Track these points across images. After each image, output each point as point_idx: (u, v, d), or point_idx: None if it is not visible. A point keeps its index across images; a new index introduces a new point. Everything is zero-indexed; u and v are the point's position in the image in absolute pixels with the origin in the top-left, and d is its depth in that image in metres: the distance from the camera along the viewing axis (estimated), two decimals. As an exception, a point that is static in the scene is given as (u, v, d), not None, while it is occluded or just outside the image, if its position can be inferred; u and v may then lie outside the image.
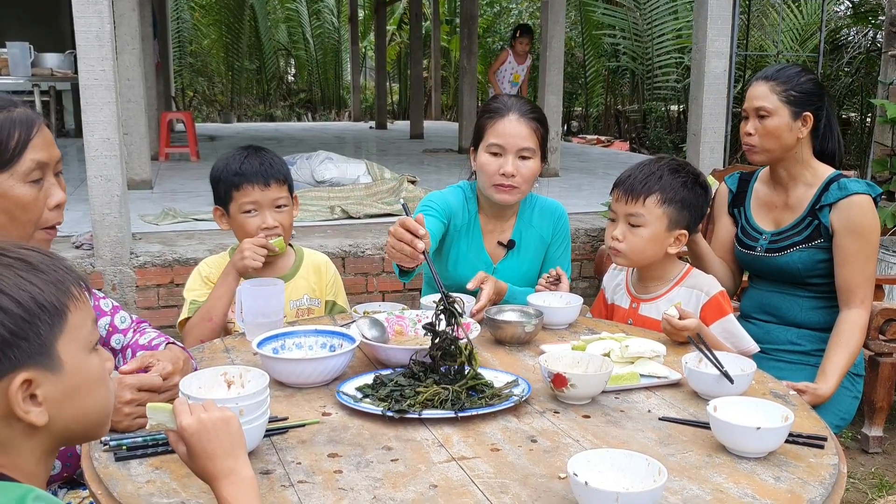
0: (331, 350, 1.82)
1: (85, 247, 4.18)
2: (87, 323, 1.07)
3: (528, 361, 1.90)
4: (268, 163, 2.32)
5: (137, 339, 1.81)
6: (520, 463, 1.38)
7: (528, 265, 2.52)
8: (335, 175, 6.09)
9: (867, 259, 2.35)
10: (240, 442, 1.20)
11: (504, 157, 2.35)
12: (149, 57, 7.82)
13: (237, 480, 1.16)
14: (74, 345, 1.04)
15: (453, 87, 18.21)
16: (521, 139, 2.35)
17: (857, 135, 10.56)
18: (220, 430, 1.18)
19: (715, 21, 4.57)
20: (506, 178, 2.34)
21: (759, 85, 2.42)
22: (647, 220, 2.15)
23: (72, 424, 1.06)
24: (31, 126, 1.50)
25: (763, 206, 2.56)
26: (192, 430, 1.18)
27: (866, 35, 10.67)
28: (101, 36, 3.79)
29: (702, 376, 1.67)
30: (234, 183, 2.29)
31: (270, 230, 2.28)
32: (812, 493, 1.29)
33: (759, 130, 2.40)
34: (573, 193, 6.26)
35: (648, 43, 12.11)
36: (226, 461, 1.17)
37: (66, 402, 1.04)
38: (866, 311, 2.38)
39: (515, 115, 2.36)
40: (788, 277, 2.47)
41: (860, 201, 2.33)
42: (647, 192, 2.15)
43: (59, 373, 1.03)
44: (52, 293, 1.02)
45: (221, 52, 17.76)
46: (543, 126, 2.42)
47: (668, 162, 2.21)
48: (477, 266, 2.44)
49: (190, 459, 1.20)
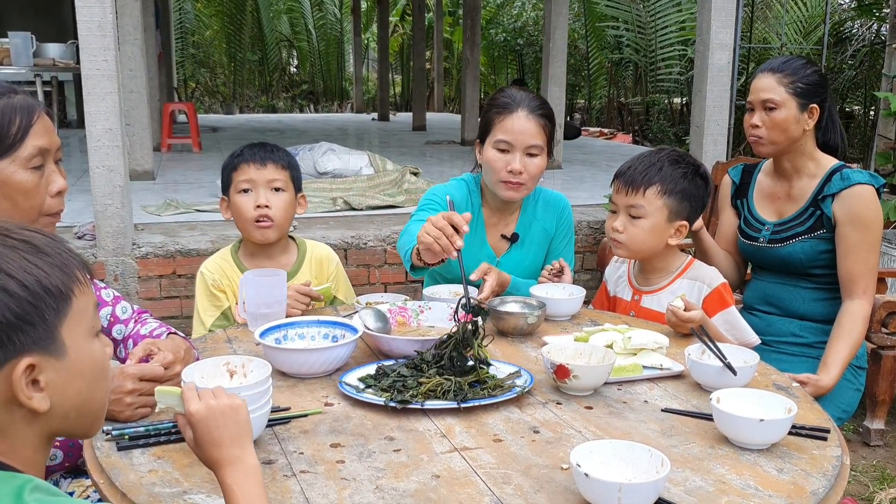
0: (333, 340, 1.81)
1: (87, 237, 4.18)
2: (91, 308, 1.06)
3: (531, 352, 1.90)
4: (270, 148, 2.33)
5: (139, 330, 1.81)
6: (522, 454, 1.38)
7: (532, 258, 2.52)
8: (338, 166, 6.09)
9: (869, 249, 2.34)
10: (247, 431, 1.19)
11: (512, 154, 2.32)
12: (151, 47, 7.80)
13: (242, 468, 1.15)
14: (78, 330, 1.03)
15: (456, 79, 18.20)
16: (530, 136, 2.32)
17: (860, 128, 10.54)
18: (227, 418, 1.18)
19: (719, 13, 4.55)
20: (513, 175, 2.32)
21: (766, 77, 2.40)
22: (647, 212, 2.15)
23: (71, 413, 1.05)
24: (31, 112, 1.50)
25: (766, 198, 2.55)
26: (199, 416, 1.17)
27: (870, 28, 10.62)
28: (103, 26, 3.78)
29: (705, 368, 1.67)
30: (234, 165, 2.32)
31: (263, 209, 2.26)
32: (815, 484, 1.29)
33: (766, 122, 2.38)
34: (576, 186, 6.25)
35: (651, 35, 12.07)
36: (232, 449, 1.16)
37: (69, 388, 1.03)
38: (868, 302, 2.37)
39: (525, 111, 2.33)
40: (791, 268, 2.46)
41: (862, 191, 2.33)
42: (648, 183, 2.14)
43: (62, 358, 1.01)
44: (58, 277, 1.00)
45: (224, 43, 17.74)
46: (551, 122, 2.40)
47: (668, 153, 2.20)
48: (480, 259, 2.43)
49: (196, 445, 1.19)
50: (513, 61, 16.86)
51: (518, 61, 16.59)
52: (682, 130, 11.31)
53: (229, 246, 2.43)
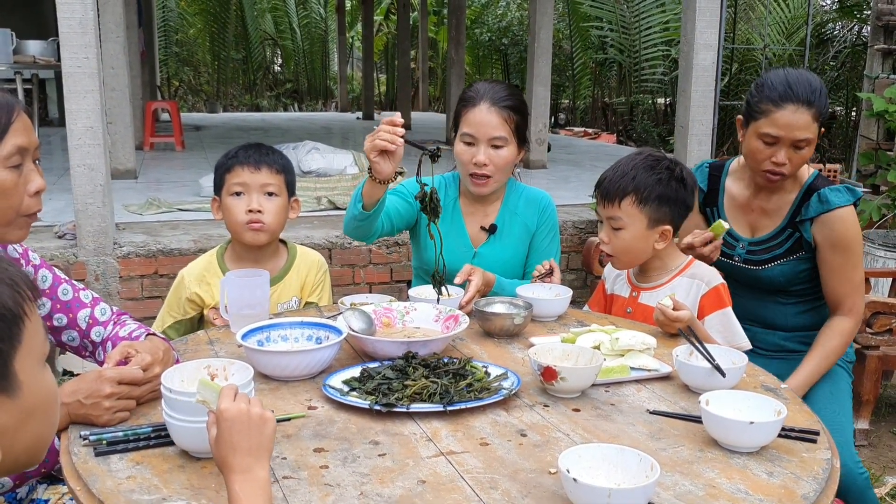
0: (317, 342, 1.79)
1: (68, 237, 4.13)
2: (42, 332, 0.92)
3: (518, 354, 1.88)
4: (265, 151, 2.30)
5: (118, 332, 1.77)
6: (509, 457, 1.36)
7: (511, 252, 2.51)
8: (322, 165, 6.05)
9: (854, 268, 2.31)
10: (267, 445, 1.17)
11: (476, 147, 2.36)
12: (133, 45, 7.73)
13: (251, 479, 1.13)
14: (31, 360, 0.88)
15: (441, 78, 18.17)
16: (492, 128, 2.34)
17: (842, 128, 10.60)
18: (253, 426, 1.16)
19: (703, 13, 4.55)
20: (478, 167, 2.35)
21: (801, 112, 2.16)
22: (625, 223, 2.13)
23: (22, 456, 0.90)
24: (10, 110, 1.47)
25: (738, 208, 2.44)
26: (227, 415, 1.16)
27: (852, 29, 10.71)
28: (84, 23, 3.73)
29: (693, 369, 1.65)
30: (228, 166, 2.28)
31: (255, 213, 2.23)
32: (806, 488, 1.28)
33: (794, 160, 2.21)
34: (560, 185, 6.25)
35: (636, 35, 12.10)
36: (246, 458, 1.14)
37: (23, 431, 0.88)
38: (854, 319, 2.33)
39: (487, 103, 2.35)
40: (771, 287, 2.41)
41: (843, 214, 2.26)
42: (622, 194, 2.12)
43: (15, 397, 0.86)
44: (8, 295, 0.85)
45: (207, 41, 17.62)
46: (518, 112, 2.39)
47: (643, 159, 2.15)
48: (457, 248, 2.45)
49: (214, 444, 1.17)
50: (497, 61, 16.85)
51: (503, 61, 16.58)
52: (667, 130, 11.34)
53: (215, 249, 2.39)
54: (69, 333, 1.77)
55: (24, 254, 1.71)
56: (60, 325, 1.75)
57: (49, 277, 1.75)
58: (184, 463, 1.33)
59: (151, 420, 1.46)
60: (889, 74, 6.51)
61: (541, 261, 2.42)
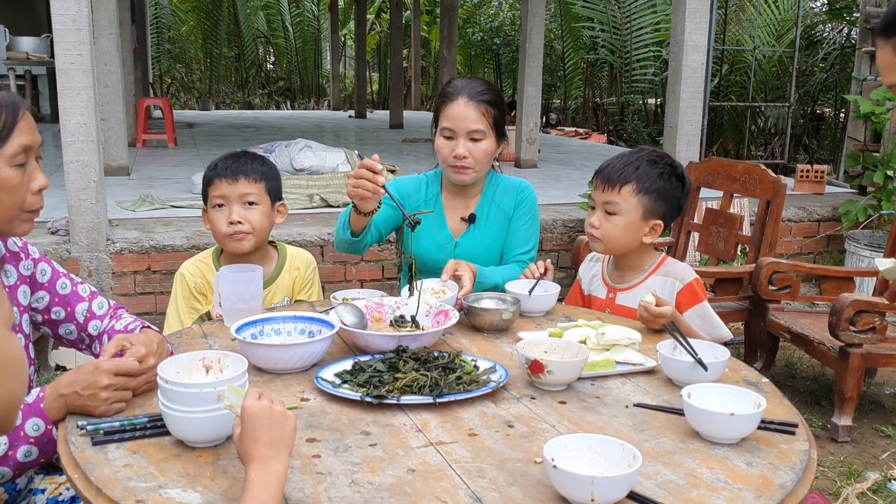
0: (310, 336, 1.82)
1: (61, 233, 4.15)
2: (5, 301, 0.94)
3: (506, 348, 1.91)
4: (244, 161, 2.33)
5: (114, 325, 1.80)
6: (497, 448, 1.40)
7: (491, 239, 2.56)
8: (314, 163, 6.07)
9: None
10: (288, 442, 1.23)
11: (455, 140, 2.42)
12: (126, 42, 7.74)
13: (268, 469, 1.18)
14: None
15: (433, 77, 18.20)
16: (470, 122, 2.40)
17: (830, 130, 10.67)
18: (274, 423, 1.22)
19: (693, 15, 4.60)
20: (458, 160, 2.42)
21: None
22: (622, 209, 2.19)
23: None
24: (17, 109, 1.49)
25: None
26: (251, 411, 1.22)
27: (841, 31, 10.77)
28: (77, 20, 3.75)
29: (676, 363, 1.69)
30: (209, 178, 2.33)
31: (235, 225, 2.26)
32: (783, 478, 1.32)
33: None
34: (551, 185, 6.29)
35: (627, 36, 12.15)
36: (267, 450, 1.20)
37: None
38: None
39: (464, 98, 2.41)
40: None
41: None
42: (624, 181, 2.18)
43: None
44: None
45: (200, 38, 17.61)
46: (495, 106, 2.45)
47: (647, 153, 2.24)
48: (438, 241, 2.52)
49: (238, 439, 1.23)
50: (489, 60, 16.89)
51: (495, 60, 16.62)
52: (657, 131, 11.39)
53: (211, 249, 2.43)
54: (66, 327, 1.79)
55: (24, 247, 1.74)
56: (58, 318, 1.78)
57: (48, 271, 1.77)
58: (179, 452, 1.36)
59: (147, 410, 1.50)
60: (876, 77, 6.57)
61: (519, 242, 2.50)
